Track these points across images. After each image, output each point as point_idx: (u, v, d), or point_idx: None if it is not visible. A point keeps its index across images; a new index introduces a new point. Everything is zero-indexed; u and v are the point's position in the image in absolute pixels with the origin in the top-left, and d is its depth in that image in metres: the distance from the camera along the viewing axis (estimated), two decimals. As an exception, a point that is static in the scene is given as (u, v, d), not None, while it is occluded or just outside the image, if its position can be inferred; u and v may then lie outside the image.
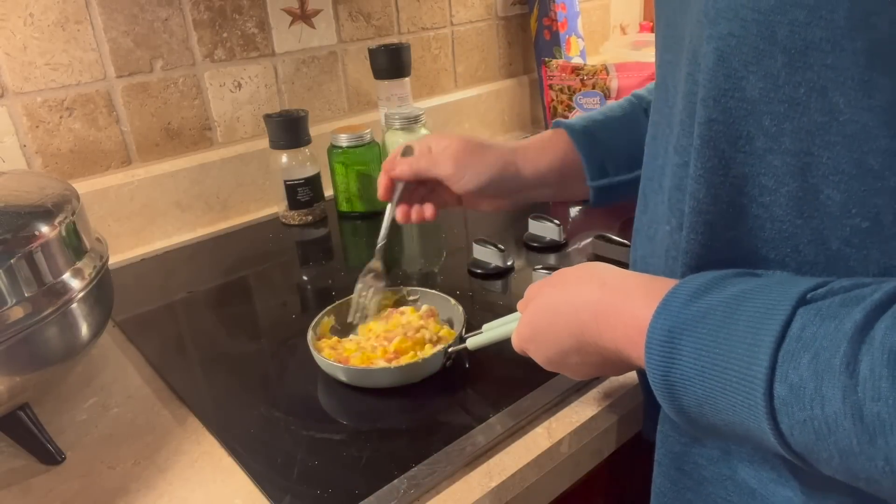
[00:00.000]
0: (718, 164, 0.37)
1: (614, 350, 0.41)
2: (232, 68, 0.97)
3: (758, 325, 0.32)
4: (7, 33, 0.79)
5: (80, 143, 0.87)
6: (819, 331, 0.30)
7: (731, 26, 0.33)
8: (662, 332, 0.35)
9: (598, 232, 0.79)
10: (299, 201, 0.94)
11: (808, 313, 0.31)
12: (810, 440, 0.30)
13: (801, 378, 0.30)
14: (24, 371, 0.49)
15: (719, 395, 0.33)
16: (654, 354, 0.36)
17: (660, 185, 0.46)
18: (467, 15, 1.22)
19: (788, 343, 0.31)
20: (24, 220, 0.50)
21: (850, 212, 0.34)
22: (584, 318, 0.43)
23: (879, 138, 0.31)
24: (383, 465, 0.50)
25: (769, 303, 0.32)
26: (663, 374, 0.35)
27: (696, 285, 0.36)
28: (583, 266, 0.46)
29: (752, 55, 0.33)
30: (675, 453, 0.47)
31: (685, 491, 0.47)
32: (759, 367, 0.31)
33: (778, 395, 0.31)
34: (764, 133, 0.35)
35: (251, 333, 0.69)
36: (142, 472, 0.52)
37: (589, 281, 0.44)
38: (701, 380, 0.34)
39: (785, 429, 0.31)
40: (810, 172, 0.34)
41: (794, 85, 0.32)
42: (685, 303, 0.35)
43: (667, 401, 0.37)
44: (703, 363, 0.34)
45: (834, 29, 0.30)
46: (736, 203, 0.38)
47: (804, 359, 0.30)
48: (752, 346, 0.32)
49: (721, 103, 0.35)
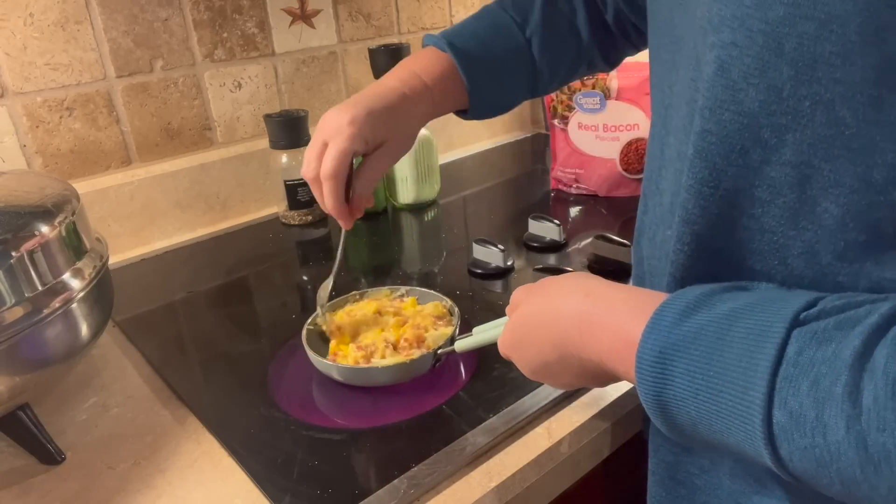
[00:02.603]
0: (709, 175, 0.37)
1: (597, 362, 0.41)
2: (232, 68, 0.97)
3: (752, 347, 0.31)
4: (7, 33, 0.79)
5: (80, 143, 0.87)
6: (816, 356, 0.30)
7: (736, 35, 0.33)
8: (653, 352, 0.35)
9: (598, 232, 0.79)
10: (299, 201, 0.94)
11: (803, 336, 0.30)
12: (811, 467, 0.30)
13: (801, 405, 0.29)
14: (24, 371, 0.49)
15: (714, 417, 0.33)
16: (645, 374, 0.35)
17: (657, 186, 0.46)
18: (467, 15, 1.22)
19: (786, 368, 0.30)
20: (24, 220, 0.50)
21: (847, 225, 0.33)
22: (566, 329, 0.42)
23: (887, 153, 0.31)
24: (383, 465, 0.50)
25: (762, 324, 0.32)
26: (656, 394, 0.35)
27: (684, 302, 0.35)
28: (567, 276, 0.46)
29: (755, 66, 0.33)
30: (668, 463, 0.47)
31: (680, 500, 0.47)
32: (756, 393, 0.31)
33: (777, 421, 0.30)
34: (761, 146, 0.34)
35: (251, 333, 0.69)
36: (141, 472, 0.52)
37: (573, 292, 0.43)
38: (695, 401, 0.33)
39: (784, 454, 0.31)
40: (809, 184, 0.33)
41: (798, 98, 0.32)
42: (675, 322, 0.35)
43: (659, 419, 0.36)
44: (696, 386, 0.33)
45: (845, 43, 0.29)
46: (725, 215, 0.37)
47: (803, 385, 0.29)
48: (748, 370, 0.31)
49: (717, 114, 0.35)
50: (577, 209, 0.95)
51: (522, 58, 0.64)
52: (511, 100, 0.66)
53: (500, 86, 0.64)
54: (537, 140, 1.29)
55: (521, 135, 1.32)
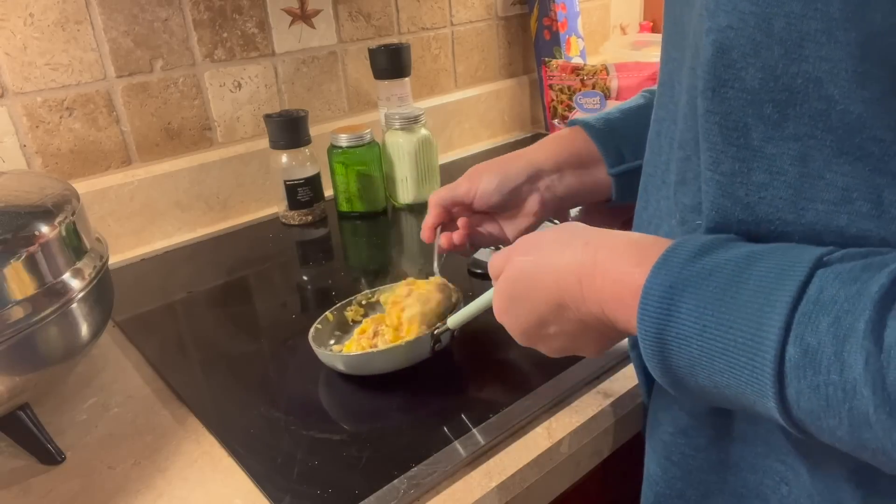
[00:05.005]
0: (709, 158, 0.37)
1: (598, 313, 0.39)
2: (232, 68, 0.97)
3: (772, 285, 0.31)
4: (7, 33, 0.79)
5: (80, 143, 0.87)
6: (840, 293, 0.29)
7: (730, 19, 0.33)
8: (662, 287, 0.34)
9: (598, 232, 0.79)
10: (299, 201, 0.94)
11: (826, 276, 0.30)
12: (819, 407, 0.29)
13: (819, 341, 0.29)
14: (24, 371, 0.49)
15: (718, 356, 0.32)
16: (649, 310, 0.34)
17: (663, 180, 0.46)
18: (467, 15, 1.22)
19: (805, 305, 0.29)
20: (24, 220, 0.50)
21: (850, 196, 0.33)
22: (566, 282, 0.40)
23: (874, 129, 0.31)
24: (383, 465, 0.50)
25: (784, 264, 0.31)
26: (657, 330, 0.34)
27: (699, 244, 0.35)
28: (559, 228, 0.44)
29: (750, 47, 0.33)
30: (664, 442, 0.47)
31: (675, 480, 0.47)
32: (772, 328, 0.30)
33: (789, 357, 0.30)
34: (764, 121, 0.34)
35: (251, 333, 0.69)
36: (141, 472, 0.52)
37: (569, 242, 0.42)
38: (699, 339, 0.33)
39: (791, 394, 0.30)
40: (812, 158, 0.33)
41: (791, 76, 0.32)
42: (689, 260, 0.34)
43: (654, 359, 0.35)
44: (705, 321, 0.32)
45: (829, 21, 0.30)
46: (718, 205, 0.37)
47: (823, 322, 0.29)
48: (764, 305, 0.30)
49: (720, 93, 0.35)
50: (576, 209, 0.94)
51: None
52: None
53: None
54: (537, 140, 1.29)
55: (521, 135, 1.32)
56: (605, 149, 0.63)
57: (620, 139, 0.64)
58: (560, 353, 0.47)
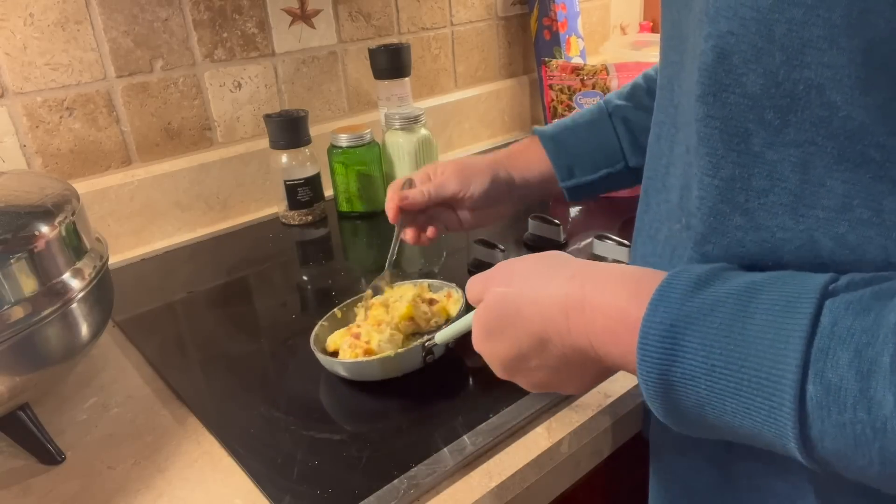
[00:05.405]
0: (708, 164, 0.37)
1: (585, 347, 0.38)
2: (232, 68, 0.97)
3: (780, 319, 0.30)
4: (7, 33, 0.79)
5: (80, 143, 0.87)
6: (854, 325, 0.28)
7: (731, 24, 0.33)
8: (662, 326, 0.32)
9: (598, 232, 0.79)
10: (299, 201, 0.94)
11: (836, 306, 0.29)
12: (845, 446, 0.28)
13: (841, 377, 0.27)
14: (24, 371, 0.49)
15: (730, 397, 0.31)
16: (650, 350, 0.33)
17: (663, 184, 0.46)
18: (467, 15, 1.22)
19: (820, 339, 0.28)
20: (24, 220, 0.50)
21: (851, 203, 0.32)
22: (551, 314, 0.39)
23: (877, 135, 0.31)
24: (383, 465, 0.50)
25: (788, 295, 0.30)
26: (661, 372, 0.33)
27: (694, 276, 0.34)
28: (536, 257, 0.43)
29: (752, 53, 0.33)
30: (666, 463, 0.47)
31: (678, 500, 0.47)
32: (788, 366, 0.29)
33: (810, 396, 0.28)
34: (765, 127, 0.34)
35: (251, 333, 0.69)
36: (141, 472, 0.52)
37: (553, 274, 0.40)
38: (708, 379, 0.31)
39: (815, 434, 0.29)
40: (813, 164, 0.33)
41: (793, 82, 0.32)
42: (687, 294, 0.33)
43: (658, 399, 0.34)
44: (713, 360, 0.31)
45: (831, 27, 0.30)
46: (717, 210, 0.37)
47: (843, 357, 0.28)
48: (776, 341, 0.29)
49: (721, 98, 0.35)
50: (576, 209, 0.94)
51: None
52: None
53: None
54: (537, 140, 1.29)
55: (521, 135, 1.32)
56: (556, 165, 0.70)
57: (571, 156, 0.70)
58: (540, 389, 0.45)
